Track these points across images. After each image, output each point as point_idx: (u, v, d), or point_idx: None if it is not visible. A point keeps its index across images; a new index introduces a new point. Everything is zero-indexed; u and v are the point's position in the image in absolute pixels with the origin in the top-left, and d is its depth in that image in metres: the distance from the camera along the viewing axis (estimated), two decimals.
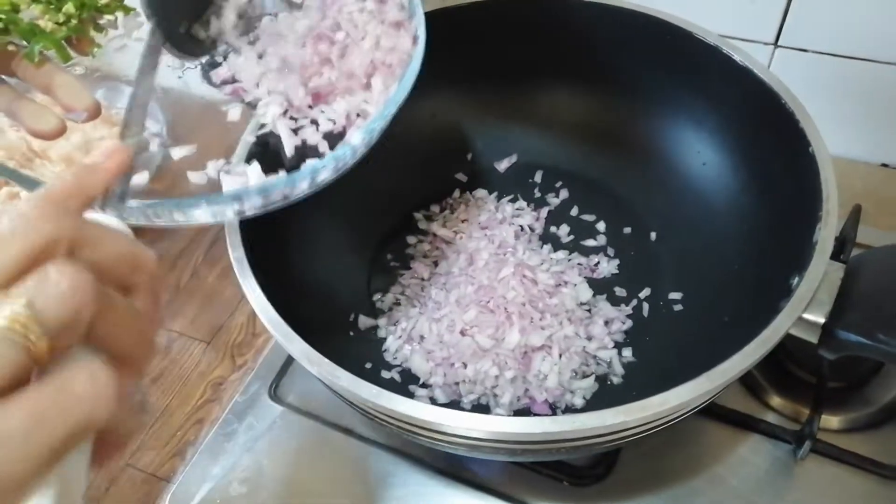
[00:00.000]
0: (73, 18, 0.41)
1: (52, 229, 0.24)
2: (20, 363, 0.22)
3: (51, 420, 0.22)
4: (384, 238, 0.65)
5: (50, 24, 0.40)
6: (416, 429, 0.41)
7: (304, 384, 0.61)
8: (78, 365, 0.23)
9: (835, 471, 0.53)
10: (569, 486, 0.53)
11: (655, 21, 0.59)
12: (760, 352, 0.40)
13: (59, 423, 0.22)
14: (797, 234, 0.47)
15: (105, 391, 0.23)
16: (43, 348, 0.22)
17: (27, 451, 0.21)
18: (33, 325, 0.22)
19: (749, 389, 0.57)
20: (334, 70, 0.45)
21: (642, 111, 0.65)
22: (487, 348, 0.55)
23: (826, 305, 0.44)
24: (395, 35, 0.45)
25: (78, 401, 0.22)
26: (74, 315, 0.23)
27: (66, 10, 0.41)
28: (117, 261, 0.26)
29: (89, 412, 0.23)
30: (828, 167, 0.48)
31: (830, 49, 0.69)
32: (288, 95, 0.46)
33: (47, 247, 0.24)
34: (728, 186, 0.60)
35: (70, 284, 0.23)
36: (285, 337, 0.43)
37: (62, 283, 0.23)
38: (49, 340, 0.22)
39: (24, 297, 0.22)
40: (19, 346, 0.22)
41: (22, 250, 0.23)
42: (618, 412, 0.38)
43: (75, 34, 0.42)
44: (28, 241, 0.24)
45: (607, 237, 0.64)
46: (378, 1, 0.47)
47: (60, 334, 0.23)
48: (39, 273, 0.23)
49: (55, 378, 0.22)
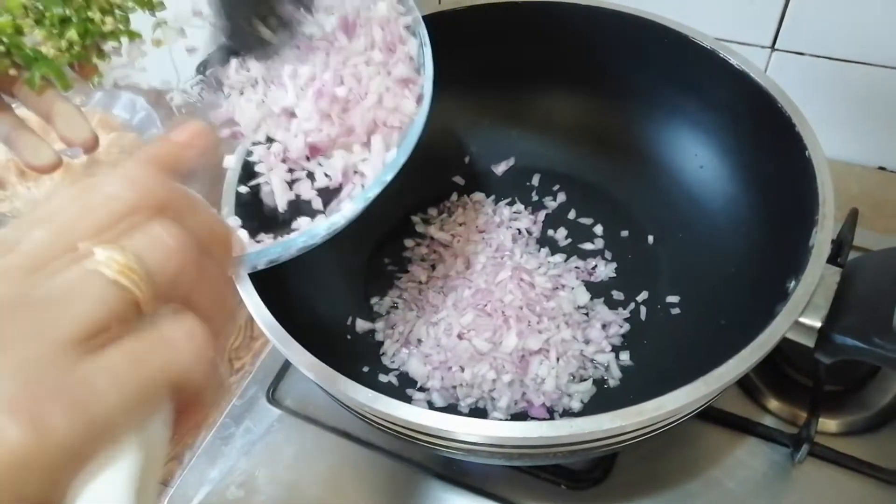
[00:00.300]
0: (76, 45, 0.41)
1: (159, 190, 0.25)
2: (126, 308, 0.22)
3: (147, 365, 0.22)
4: (381, 241, 0.65)
5: (52, 50, 0.40)
6: (413, 433, 0.41)
7: (301, 388, 0.61)
8: (177, 318, 0.24)
9: (832, 474, 0.53)
10: (566, 489, 0.53)
11: (652, 24, 0.59)
12: (757, 356, 0.40)
13: (154, 370, 0.22)
14: (794, 238, 0.47)
15: (202, 346, 0.24)
16: (148, 296, 0.23)
17: (120, 390, 0.21)
18: (139, 274, 0.23)
19: (746, 392, 0.57)
20: (334, 126, 0.45)
21: (639, 114, 0.65)
22: (485, 352, 0.55)
23: (822, 309, 0.44)
24: (399, 94, 0.45)
25: (175, 351, 0.23)
26: (177, 273, 0.24)
27: (70, 37, 0.40)
28: (209, 230, 0.27)
29: (185, 364, 0.23)
30: (824, 171, 0.48)
31: (827, 52, 0.70)
32: (286, 146, 0.46)
33: (154, 205, 0.25)
34: (725, 190, 0.60)
35: (176, 244, 0.24)
36: (281, 341, 0.43)
37: (169, 242, 0.24)
38: (153, 290, 0.23)
39: (133, 248, 0.23)
40: (125, 292, 0.22)
41: (131, 205, 0.24)
42: (615, 417, 0.38)
43: (78, 61, 0.42)
44: (137, 197, 0.25)
45: (605, 241, 0.64)
46: (387, 51, 0.46)
47: (163, 289, 0.23)
48: (146, 229, 0.24)
49: (155, 327, 0.23)
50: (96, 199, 0.25)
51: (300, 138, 0.45)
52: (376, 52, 0.45)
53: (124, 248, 0.23)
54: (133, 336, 0.23)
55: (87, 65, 0.43)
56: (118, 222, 0.24)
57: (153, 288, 0.23)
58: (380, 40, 0.46)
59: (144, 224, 0.24)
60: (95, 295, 0.22)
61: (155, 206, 0.25)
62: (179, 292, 0.24)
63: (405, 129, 0.44)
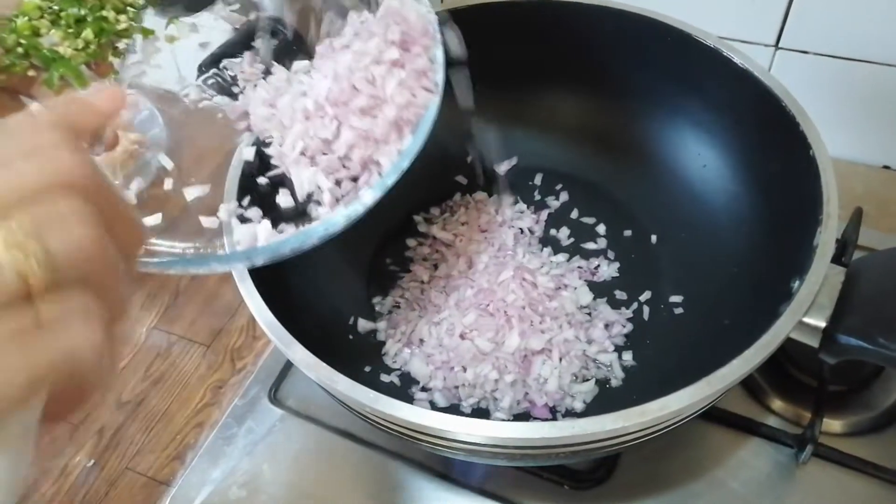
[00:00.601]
0: (92, 44, 0.41)
1: (70, 163, 0.23)
2: (15, 289, 0.21)
3: (37, 348, 0.21)
4: (383, 241, 0.65)
5: (69, 49, 0.41)
6: (415, 433, 0.41)
7: (304, 388, 0.61)
8: (71, 298, 0.22)
9: (837, 475, 0.52)
10: (569, 489, 0.53)
11: (655, 23, 0.59)
12: (761, 356, 0.40)
13: (43, 353, 0.21)
14: (798, 237, 0.47)
15: (94, 328, 0.22)
16: (41, 276, 0.21)
17: (6, 377, 0.20)
18: (36, 253, 0.21)
19: (750, 392, 0.57)
20: (352, 131, 0.44)
21: (642, 113, 0.65)
22: (487, 352, 0.55)
23: (827, 309, 0.43)
24: (416, 86, 0.45)
25: (67, 335, 0.21)
26: (79, 252, 0.22)
27: (85, 36, 0.41)
28: (116, 212, 0.25)
29: (76, 348, 0.22)
30: (828, 170, 0.47)
31: (831, 51, 0.69)
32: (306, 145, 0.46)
33: (63, 179, 0.22)
34: (728, 189, 0.59)
35: (82, 230, 0.22)
36: (283, 341, 0.43)
37: (75, 225, 0.22)
38: (49, 271, 0.21)
39: (31, 224, 0.21)
40: (15, 272, 0.21)
41: (37, 176, 0.22)
42: (617, 417, 0.38)
43: (94, 59, 0.42)
44: (44, 168, 0.22)
45: (607, 240, 0.64)
46: (401, 49, 0.45)
47: (61, 268, 0.22)
48: (50, 202, 0.22)
49: (48, 307, 0.21)
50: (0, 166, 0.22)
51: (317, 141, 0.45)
52: (392, 50, 0.45)
53: (20, 221, 0.21)
54: (22, 317, 0.21)
55: (102, 63, 0.43)
56: (18, 194, 0.22)
57: (51, 269, 0.21)
58: (396, 36, 0.45)
59: (49, 197, 0.22)
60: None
61: (64, 179, 0.23)
62: (80, 273, 0.22)
63: (419, 118, 0.44)
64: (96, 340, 0.22)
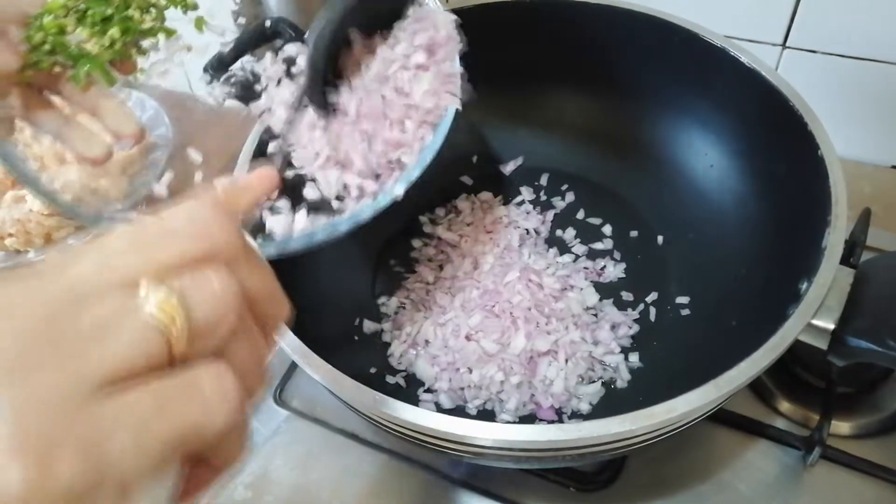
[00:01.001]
0: (118, 42, 0.42)
1: (221, 237, 0.24)
2: (159, 352, 0.21)
3: (173, 412, 0.21)
4: (389, 242, 0.65)
5: (95, 47, 0.41)
6: (421, 436, 0.41)
7: (308, 389, 0.61)
8: (212, 367, 0.23)
9: (845, 477, 0.52)
10: (575, 491, 0.53)
11: (662, 22, 0.59)
12: (768, 359, 0.39)
13: (180, 418, 0.21)
14: (806, 238, 0.46)
15: (231, 397, 0.22)
16: (183, 343, 0.22)
17: (138, 439, 0.20)
18: (180, 318, 0.22)
19: (758, 394, 0.57)
20: (383, 144, 0.46)
21: (648, 113, 0.65)
22: (493, 353, 0.54)
23: (835, 311, 0.43)
24: (441, 91, 0.45)
25: (203, 400, 0.22)
26: (219, 321, 0.23)
27: (112, 34, 0.42)
28: (262, 292, 0.26)
29: (212, 414, 0.22)
30: (837, 170, 0.47)
31: (839, 50, 0.69)
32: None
33: (212, 251, 0.24)
34: (735, 189, 0.59)
35: (223, 291, 0.23)
36: (288, 342, 0.43)
37: (217, 288, 0.23)
38: (190, 338, 0.22)
39: (179, 290, 0.22)
40: (163, 335, 0.21)
41: (190, 247, 0.23)
42: (624, 420, 0.38)
43: (119, 57, 0.43)
44: (197, 240, 0.24)
45: (614, 241, 0.64)
46: (427, 53, 0.46)
47: (200, 336, 0.22)
48: (197, 272, 0.23)
49: (185, 372, 0.22)
50: (154, 235, 0.24)
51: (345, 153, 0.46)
52: (419, 54, 0.46)
53: (171, 286, 0.22)
54: (161, 380, 0.21)
55: (127, 61, 0.44)
56: (172, 261, 0.23)
57: (191, 332, 0.22)
58: (423, 41, 0.46)
59: (197, 266, 0.23)
60: (131, 334, 0.21)
61: (213, 252, 0.24)
62: (218, 343, 0.23)
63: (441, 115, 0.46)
64: (230, 411, 0.22)
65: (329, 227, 0.42)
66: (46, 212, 0.72)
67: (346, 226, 0.42)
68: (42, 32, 0.40)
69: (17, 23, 0.40)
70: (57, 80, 0.42)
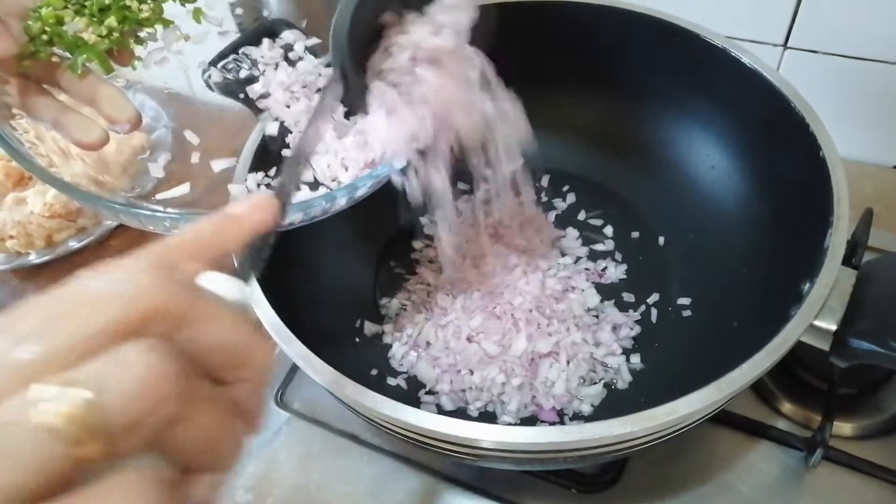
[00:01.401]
0: (115, 31, 0.43)
1: (159, 300, 0.20)
2: (59, 467, 0.18)
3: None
4: (390, 243, 0.65)
5: (93, 36, 0.42)
6: (422, 437, 0.41)
7: (310, 391, 0.61)
8: (119, 480, 0.19)
9: (847, 479, 0.52)
10: (577, 493, 0.53)
11: (663, 23, 0.59)
12: (770, 360, 0.39)
13: None
14: (808, 239, 0.46)
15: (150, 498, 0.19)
16: (93, 451, 0.18)
17: None
18: (89, 422, 0.18)
19: (759, 396, 0.57)
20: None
21: (650, 114, 0.65)
22: (494, 355, 0.54)
23: (838, 312, 0.43)
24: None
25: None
26: (144, 416, 0.19)
27: (109, 24, 0.42)
28: (223, 349, 0.22)
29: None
30: (839, 171, 0.47)
31: (841, 50, 0.69)
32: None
33: (145, 319, 0.20)
34: (737, 190, 0.59)
35: (149, 376, 0.19)
36: (289, 344, 0.43)
37: (140, 374, 0.19)
38: (105, 443, 0.18)
39: (90, 385, 0.18)
40: (65, 445, 0.18)
41: (114, 319, 0.19)
42: (625, 422, 0.38)
43: (117, 46, 0.44)
44: (125, 310, 0.20)
45: (615, 242, 0.63)
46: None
47: (121, 436, 0.18)
48: (117, 355, 0.19)
49: (89, 492, 0.18)
50: (67, 308, 0.20)
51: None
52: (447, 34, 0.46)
53: (74, 382, 0.18)
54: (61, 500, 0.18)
55: (125, 50, 0.45)
56: (85, 343, 0.19)
57: (108, 431, 0.18)
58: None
59: (118, 343, 0.19)
60: (25, 450, 0.17)
61: (147, 319, 0.20)
62: (153, 433, 0.19)
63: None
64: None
65: (326, 196, 0.41)
66: (47, 214, 0.72)
67: (343, 195, 0.41)
68: (40, 23, 0.40)
69: (16, 16, 0.40)
70: (54, 71, 0.42)
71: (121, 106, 0.43)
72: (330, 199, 0.41)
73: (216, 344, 0.22)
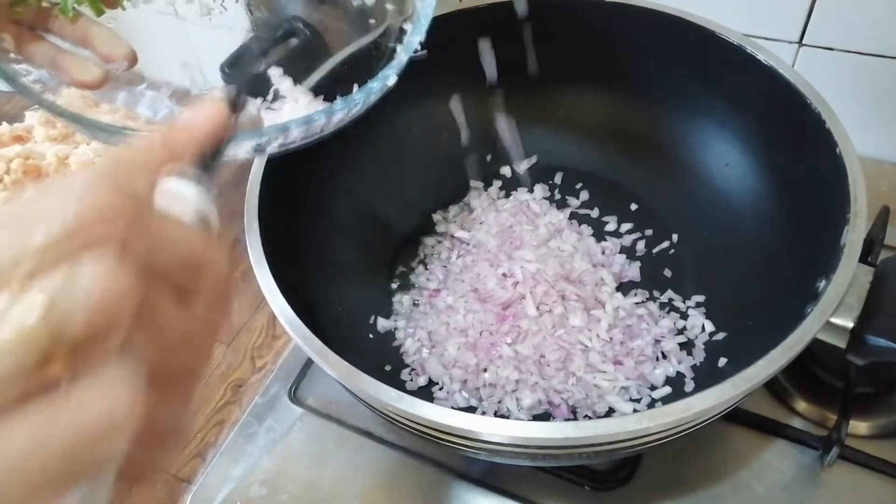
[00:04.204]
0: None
1: (108, 211, 0.20)
2: (26, 377, 0.18)
3: (55, 446, 0.18)
4: (403, 239, 0.65)
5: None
6: (437, 433, 0.41)
7: (323, 386, 0.61)
8: (100, 384, 0.19)
9: (863, 478, 0.52)
10: (590, 490, 0.53)
11: (677, 20, 0.58)
12: (786, 357, 0.39)
13: (64, 451, 0.18)
14: (824, 237, 0.46)
15: (124, 420, 0.19)
16: (58, 365, 0.19)
17: (23, 477, 0.18)
18: (47, 335, 0.18)
19: (775, 394, 0.56)
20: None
21: (664, 111, 0.65)
22: (507, 352, 0.54)
23: (855, 310, 0.43)
24: None
25: (89, 429, 0.19)
26: (102, 326, 0.19)
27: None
28: (179, 260, 0.22)
29: (102, 443, 0.19)
30: (856, 168, 0.47)
31: (856, 47, 0.68)
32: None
33: (96, 229, 0.20)
34: (752, 188, 0.59)
35: (105, 288, 0.19)
36: (304, 339, 0.43)
37: (96, 285, 0.19)
38: (68, 353, 0.19)
39: (45, 298, 0.18)
40: (27, 358, 0.18)
41: (64, 230, 0.19)
42: (641, 418, 0.38)
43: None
44: (75, 221, 0.20)
45: (629, 239, 0.63)
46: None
47: (84, 346, 0.19)
48: (71, 267, 0.19)
49: (70, 396, 0.19)
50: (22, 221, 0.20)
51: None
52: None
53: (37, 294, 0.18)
54: (42, 405, 0.18)
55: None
56: (42, 254, 0.19)
57: (67, 346, 0.18)
58: None
59: (74, 255, 0.19)
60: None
61: (99, 229, 0.20)
62: (118, 343, 0.20)
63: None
64: (124, 425, 0.19)
65: (325, 111, 0.39)
66: None
67: (340, 109, 0.39)
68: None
69: None
70: (47, 16, 0.43)
71: (115, 43, 0.43)
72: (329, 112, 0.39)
73: (171, 254, 0.22)
